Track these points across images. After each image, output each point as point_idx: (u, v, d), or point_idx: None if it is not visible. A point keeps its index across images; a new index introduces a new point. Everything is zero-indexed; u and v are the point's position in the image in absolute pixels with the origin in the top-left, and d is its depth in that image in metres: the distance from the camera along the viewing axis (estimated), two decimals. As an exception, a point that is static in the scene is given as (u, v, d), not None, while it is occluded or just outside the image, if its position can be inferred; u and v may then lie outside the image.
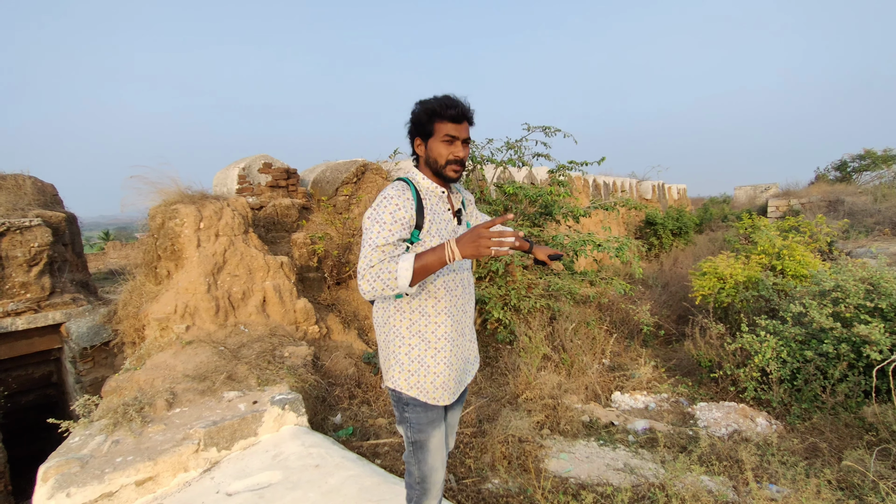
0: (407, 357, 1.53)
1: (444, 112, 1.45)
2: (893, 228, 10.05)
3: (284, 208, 4.99)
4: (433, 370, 1.53)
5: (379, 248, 1.38)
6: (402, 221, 1.42)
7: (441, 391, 1.54)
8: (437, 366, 1.53)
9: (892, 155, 16.45)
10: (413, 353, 1.53)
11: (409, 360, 1.53)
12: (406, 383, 1.53)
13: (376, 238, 1.39)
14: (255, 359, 3.35)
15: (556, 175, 5.28)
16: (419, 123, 1.50)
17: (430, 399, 1.53)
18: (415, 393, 1.53)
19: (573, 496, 2.36)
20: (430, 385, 1.53)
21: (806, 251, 5.79)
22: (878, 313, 3.64)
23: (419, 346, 1.52)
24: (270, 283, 4.04)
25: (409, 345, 1.53)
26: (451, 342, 1.55)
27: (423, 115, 1.48)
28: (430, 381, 1.53)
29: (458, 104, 1.46)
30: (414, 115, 1.51)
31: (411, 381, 1.53)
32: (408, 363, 1.53)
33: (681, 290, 6.64)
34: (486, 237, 1.28)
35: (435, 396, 1.53)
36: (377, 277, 1.34)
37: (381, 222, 1.41)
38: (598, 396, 4.07)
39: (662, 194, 16.31)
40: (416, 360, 1.53)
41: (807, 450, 3.07)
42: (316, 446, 2.65)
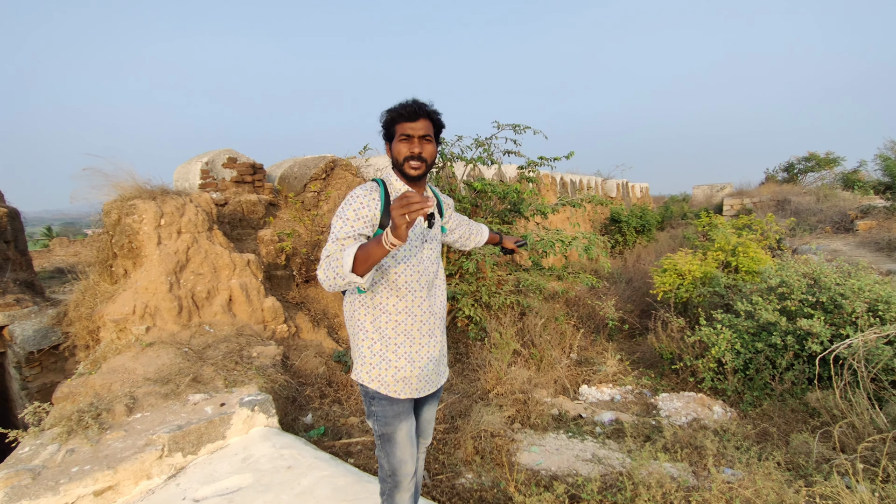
0: (369, 351, 1.58)
1: (401, 112, 1.51)
2: (834, 226, 10.79)
3: (251, 204, 4.85)
4: (394, 364, 1.58)
5: (339, 241, 1.42)
6: (364, 218, 1.47)
7: (402, 385, 1.59)
8: (397, 360, 1.58)
9: (833, 158, 17.64)
10: (375, 348, 1.58)
11: (370, 354, 1.58)
12: (368, 376, 1.58)
13: (338, 231, 1.45)
14: (221, 360, 3.24)
15: (525, 171, 5.36)
16: (384, 128, 1.58)
17: (391, 392, 1.58)
18: (376, 386, 1.58)
19: (545, 488, 2.43)
20: (390, 379, 1.58)
21: (758, 248, 6.13)
22: (820, 306, 3.90)
23: (380, 342, 1.58)
24: (237, 282, 3.92)
25: (372, 339, 1.58)
26: (411, 339, 1.60)
27: (387, 119, 1.55)
28: (391, 375, 1.58)
29: (412, 103, 1.52)
30: (381, 122, 1.58)
31: (372, 375, 1.58)
32: (370, 356, 1.58)
33: (644, 285, 6.90)
34: (395, 208, 1.25)
35: (396, 390, 1.58)
36: (329, 266, 1.37)
37: (343, 218, 1.46)
38: (566, 390, 4.19)
39: (626, 192, 16.86)
40: (377, 355, 1.58)
41: (758, 435, 3.27)
42: (287, 447, 2.60)
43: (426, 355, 1.64)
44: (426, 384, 1.65)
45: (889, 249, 7.89)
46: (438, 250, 1.74)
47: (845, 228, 10.43)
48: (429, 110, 1.54)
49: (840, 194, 13.63)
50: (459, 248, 1.98)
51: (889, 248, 7.94)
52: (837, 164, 17.49)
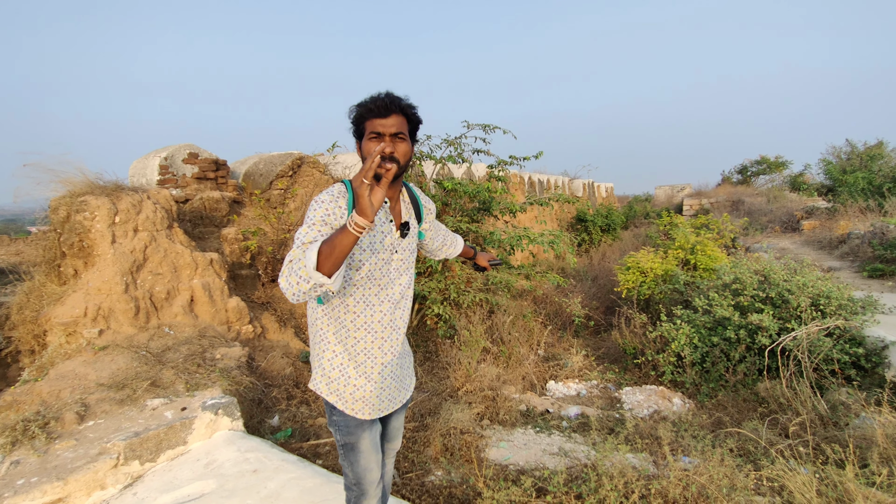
0: (329, 364, 1.48)
1: (370, 107, 1.36)
2: (782, 226, 11.44)
3: (213, 202, 4.69)
4: (353, 382, 1.47)
5: (304, 246, 1.28)
6: (331, 226, 1.35)
7: (361, 404, 1.49)
8: (357, 378, 1.47)
9: (782, 162, 18.70)
10: (336, 361, 1.47)
11: (331, 367, 1.48)
12: (327, 388, 1.49)
13: (304, 237, 1.31)
14: (182, 362, 3.13)
15: (494, 170, 5.43)
16: (354, 124, 1.43)
17: (348, 410, 1.48)
18: (334, 400, 1.48)
19: (513, 482, 2.47)
20: (349, 396, 1.48)
21: (714, 247, 6.44)
22: (769, 301, 4.14)
23: (342, 356, 1.47)
24: (199, 282, 3.79)
25: (334, 352, 1.47)
26: (373, 358, 1.49)
27: (356, 116, 1.40)
28: (350, 393, 1.48)
29: (381, 97, 1.36)
30: (350, 117, 1.42)
31: (332, 388, 1.48)
32: (329, 370, 1.48)
33: (608, 283, 7.11)
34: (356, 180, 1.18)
35: (354, 408, 1.48)
36: (291, 271, 1.24)
37: (310, 223, 1.34)
38: (534, 386, 4.27)
39: (592, 192, 17.30)
40: (337, 369, 1.47)
41: (713, 423, 3.44)
42: (253, 451, 2.54)
43: (389, 374, 1.53)
44: (388, 403, 1.56)
45: (830, 247, 8.44)
46: (411, 262, 1.59)
47: (792, 228, 11.08)
48: (402, 104, 1.38)
49: (788, 196, 14.48)
50: (429, 255, 1.88)
51: (830, 246, 8.49)
52: (786, 167, 18.57)
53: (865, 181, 10.84)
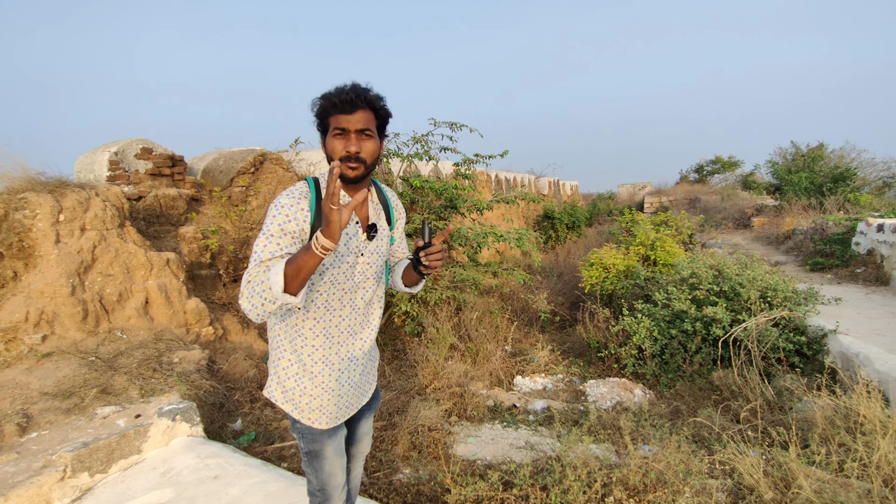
0: (285, 373, 1.41)
1: (334, 101, 1.25)
2: (735, 223, 12.05)
3: (170, 199, 4.49)
4: (309, 392, 1.40)
5: (263, 264, 1.20)
6: (292, 234, 1.25)
7: (318, 413, 1.42)
8: (314, 389, 1.40)
9: (734, 161, 19.68)
10: (290, 371, 1.40)
11: (286, 377, 1.41)
12: (283, 397, 1.42)
13: (262, 252, 1.22)
14: (136, 368, 2.98)
15: (461, 168, 5.45)
16: (318, 120, 1.31)
17: (304, 419, 1.41)
18: (290, 409, 1.42)
19: (480, 476, 2.50)
20: (305, 406, 1.41)
21: (673, 243, 6.70)
22: (723, 295, 4.35)
23: (297, 366, 1.40)
24: (154, 283, 3.62)
25: (289, 361, 1.40)
26: (330, 367, 1.41)
27: (319, 109, 1.29)
28: (307, 403, 1.41)
29: (347, 90, 1.25)
30: (313, 111, 1.31)
31: (287, 397, 1.42)
32: (285, 379, 1.41)
33: (573, 279, 7.28)
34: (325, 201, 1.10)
35: (311, 418, 1.41)
36: (254, 293, 1.17)
37: (268, 234, 1.24)
38: (501, 381, 4.32)
39: (558, 190, 17.65)
40: (292, 378, 1.41)
41: (671, 412, 3.59)
42: (214, 456, 2.46)
43: (347, 381, 1.46)
44: (346, 410, 1.49)
45: (777, 243, 8.96)
46: (380, 266, 1.49)
47: (744, 224, 11.69)
48: (370, 98, 1.27)
49: (740, 194, 15.26)
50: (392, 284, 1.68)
51: (777, 241, 9.02)
52: (738, 166, 19.57)
53: (808, 181, 11.56)
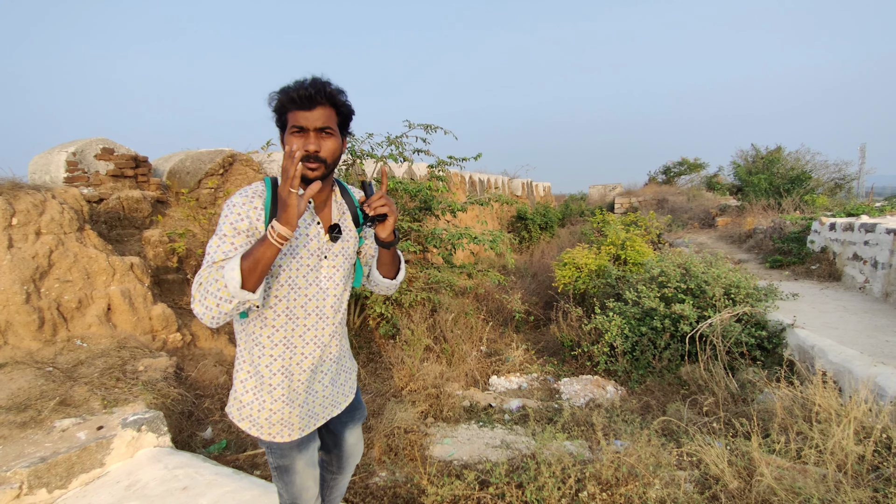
0: (242, 387, 1.33)
1: (292, 98, 1.18)
2: (700, 222, 12.49)
3: (133, 202, 4.32)
4: (269, 406, 1.32)
5: (215, 266, 1.14)
6: (245, 232, 1.19)
7: (280, 427, 1.33)
8: (273, 403, 1.31)
9: (699, 163, 20.40)
10: (248, 384, 1.32)
11: (243, 391, 1.33)
12: (238, 414, 1.34)
13: (214, 252, 1.16)
14: (98, 377, 2.86)
15: (435, 170, 5.46)
16: (276, 115, 1.24)
17: (264, 435, 1.33)
18: (247, 426, 1.33)
19: (457, 477, 2.50)
20: (264, 421, 1.32)
21: (642, 242, 6.90)
22: (690, 292, 4.51)
23: (254, 378, 1.32)
24: (117, 288, 3.48)
25: (247, 373, 1.32)
26: (290, 378, 1.32)
27: (277, 105, 1.21)
28: (266, 418, 1.32)
29: (306, 85, 1.17)
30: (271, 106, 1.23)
31: (244, 413, 1.33)
32: (242, 393, 1.33)
33: (547, 279, 7.39)
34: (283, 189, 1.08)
35: (272, 433, 1.33)
36: (207, 293, 1.10)
37: (220, 234, 1.18)
38: (477, 382, 4.35)
39: (531, 191, 17.88)
40: (250, 392, 1.32)
41: (642, 407, 3.69)
42: (182, 466, 2.38)
43: (312, 392, 1.38)
44: (312, 420, 1.40)
45: (739, 242, 9.34)
46: (346, 268, 1.40)
47: (709, 224, 12.12)
48: (330, 92, 1.20)
49: (705, 195, 15.83)
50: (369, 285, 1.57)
51: (739, 240, 9.40)
52: (703, 168, 20.29)
53: (767, 182, 12.09)
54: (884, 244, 4.98)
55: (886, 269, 4.89)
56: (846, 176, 13.52)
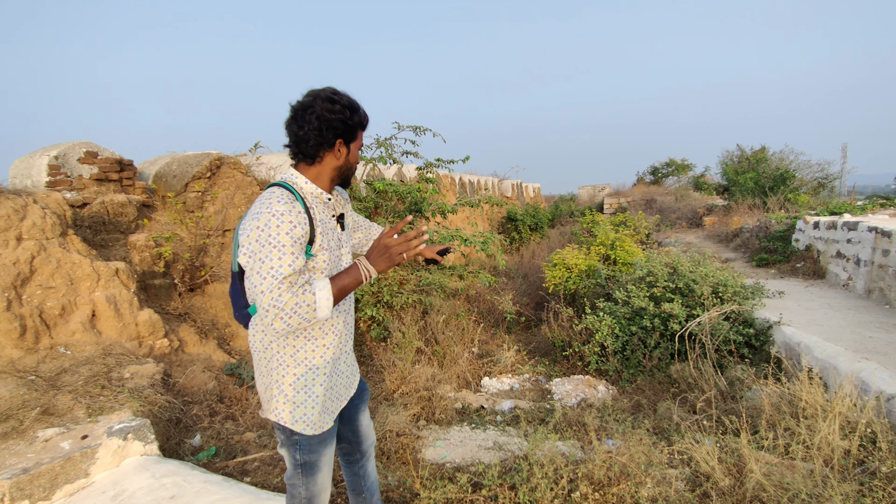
0: (291, 388, 1.40)
1: (364, 122, 1.44)
2: (688, 222, 12.63)
3: (118, 206, 4.25)
4: (319, 399, 1.44)
5: (286, 281, 1.21)
6: (300, 241, 1.28)
7: (326, 416, 1.47)
8: (321, 390, 1.45)
9: (687, 164, 20.66)
10: (298, 384, 1.41)
11: (293, 392, 1.40)
12: (290, 417, 1.41)
13: (279, 267, 1.21)
14: (83, 385, 2.80)
15: (424, 172, 5.45)
16: (349, 127, 1.39)
17: (316, 430, 1.44)
18: (301, 427, 1.41)
19: (449, 479, 2.49)
20: (315, 416, 1.43)
21: (631, 242, 6.95)
22: (678, 291, 4.55)
23: (305, 376, 1.42)
24: (102, 294, 3.42)
25: (295, 374, 1.41)
26: (335, 362, 1.49)
27: (355, 121, 1.40)
28: (318, 412, 1.43)
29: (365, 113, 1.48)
30: (347, 116, 1.36)
31: (296, 415, 1.41)
32: (292, 395, 1.40)
33: (538, 279, 7.42)
34: (394, 245, 1.32)
35: (321, 425, 1.45)
36: (294, 313, 1.21)
37: (279, 246, 1.23)
38: (469, 383, 4.34)
39: (521, 192, 17.95)
40: (301, 391, 1.41)
41: (633, 406, 3.71)
42: (170, 475, 2.34)
43: (343, 372, 1.55)
44: (339, 402, 1.55)
45: (726, 241, 9.46)
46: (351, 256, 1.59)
47: (696, 223, 12.27)
48: None
49: (692, 195, 16.03)
50: (358, 252, 1.75)
51: (726, 239, 9.52)
52: (690, 168, 20.55)
53: (753, 181, 12.27)
54: (866, 242, 5.08)
55: (869, 267, 4.99)
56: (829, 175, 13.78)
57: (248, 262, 1.25)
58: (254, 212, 1.28)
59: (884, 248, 4.75)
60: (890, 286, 4.57)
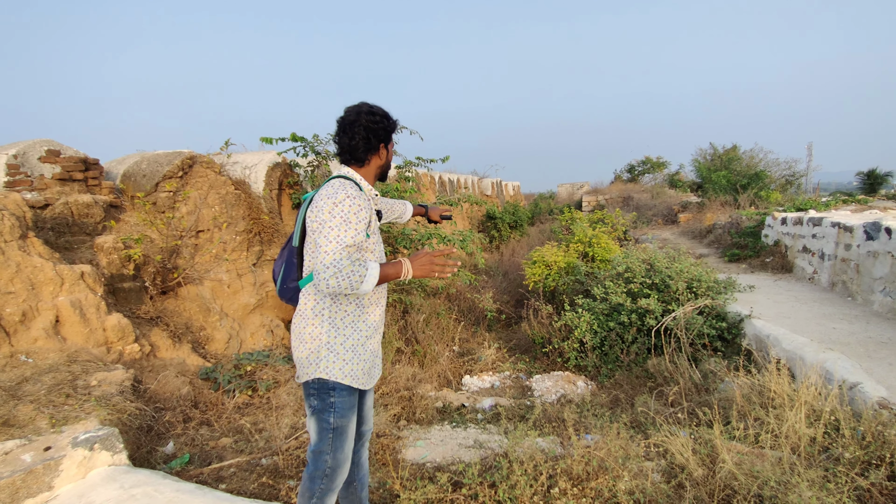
0: (342, 347, 1.63)
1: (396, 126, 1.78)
2: (664, 219, 12.91)
3: (83, 206, 4.09)
4: (363, 357, 1.67)
5: (348, 249, 1.49)
6: (364, 221, 1.56)
7: (367, 377, 1.71)
8: (365, 352, 1.68)
9: (662, 162, 21.10)
10: (348, 343, 1.64)
11: (344, 350, 1.63)
12: (340, 372, 1.62)
13: (344, 236, 1.49)
14: (46, 395, 2.68)
15: (403, 171, 5.42)
16: (388, 132, 1.74)
17: (361, 384, 1.67)
18: (349, 381, 1.63)
19: (430, 479, 2.48)
20: (360, 372, 1.66)
21: (609, 239, 7.06)
22: (654, 287, 4.64)
23: (353, 336, 1.65)
24: (66, 299, 3.28)
25: (345, 335, 1.63)
26: (378, 329, 1.75)
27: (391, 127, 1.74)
28: (361, 368, 1.67)
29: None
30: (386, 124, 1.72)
31: (346, 370, 1.63)
32: (343, 352, 1.63)
33: (518, 277, 7.47)
34: (438, 264, 1.62)
35: (363, 381, 1.69)
36: (347, 278, 1.46)
37: (347, 221, 1.50)
38: (450, 382, 4.34)
39: (500, 190, 18.04)
40: (350, 350, 1.64)
41: (611, 401, 3.77)
42: (140, 485, 2.26)
43: (378, 352, 1.79)
44: (376, 373, 1.78)
45: (700, 237, 9.70)
46: None
47: (672, 220, 12.55)
48: None
49: (668, 192, 16.38)
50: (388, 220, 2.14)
51: (700, 235, 9.76)
52: (665, 166, 21.01)
53: (725, 179, 12.62)
54: (829, 237, 5.27)
55: (832, 261, 5.18)
56: (796, 173, 14.28)
57: (319, 228, 1.52)
58: (327, 193, 1.56)
59: (846, 243, 4.94)
60: (852, 279, 4.76)
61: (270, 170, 5.40)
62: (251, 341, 4.87)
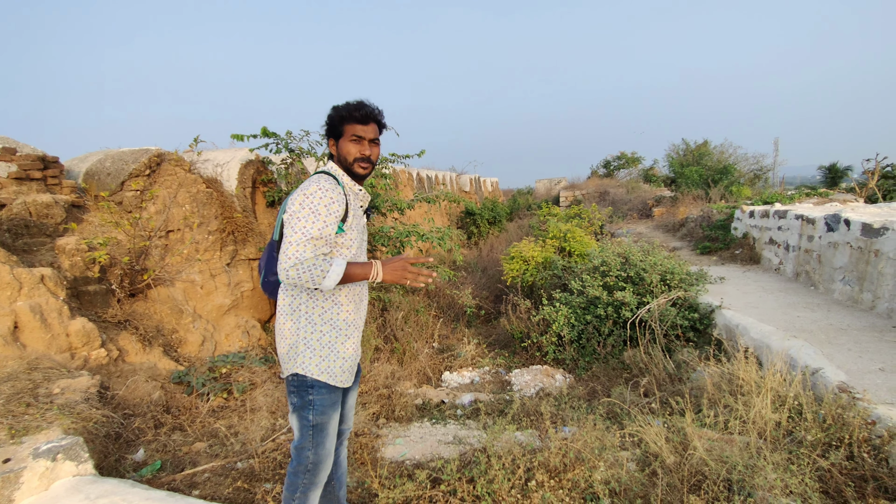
0: (318, 343, 1.62)
1: (352, 114, 1.61)
2: (638, 213, 13.17)
3: (43, 207, 3.91)
4: (342, 355, 1.66)
5: (312, 241, 1.46)
6: (335, 214, 1.53)
7: (347, 375, 1.69)
8: (345, 351, 1.67)
9: (636, 157, 21.52)
10: (324, 339, 1.63)
11: (320, 346, 1.62)
12: (317, 368, 1.62)
13: (311, 228, 1.46)
14: (4, 405, 2.56)
15: (379, 167, 5.36)
16: (332, 126, 1.65)
17: (338, 382, 1.66)
18: (325, 378, 1.63)
19: (409, 477, 2.48)
20: (338, 370, 1.65)
21: (584, 233, 7.16)
22: (630, 280, 4.73)
23: (330, 333, 1.64)
24: (25, 304, 3.14)
25: (321, 331, 1.63)
26: (357, 328, 1.73)
27: (336, 117, 1.63)
28: (339, 366, 1.66)
29: (364, 106, 1.62)
30: (328, 119, 1.66)
31: (322, 367, 1.62)
32: (319, 349, 1.62)
33: (497, 273, 7.51)
34: (411, 272, 1.57)
35: (342, 380, 1.67)
36: (307, 271, 1.44)
37: (316, 213, 1.48)
38: (429, 379, 4.33)
39: (479, 187, 18.09)
40: (326, 346, 1.63)
41: (588, 393, 3.83)
42: (107, 495, 2.18)
43: (357, 350, 1.76)
44: (353, 372, 1.76)
45: (674, 230, 9.94)
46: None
47: (646, 214, 12.81)
48: (379, 113, 1.66)
49: (642, 187, 16.72)
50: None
51: (674, 229, 10.00)
52: (640, 162, 21.42)
53: (697, 174, 12.94)
54: (794, 229, 5.47)
55: (796, 251, 5.38)
56: (763, 167, 14.75)
57: (289, 220, 1.50)
58: (303, 186, 1.55)
59: (808, 235, 5.14)
60: (815, 269, 4.95)
61: (243, 167, 5.27)
62: (226, 343, 4.76)
